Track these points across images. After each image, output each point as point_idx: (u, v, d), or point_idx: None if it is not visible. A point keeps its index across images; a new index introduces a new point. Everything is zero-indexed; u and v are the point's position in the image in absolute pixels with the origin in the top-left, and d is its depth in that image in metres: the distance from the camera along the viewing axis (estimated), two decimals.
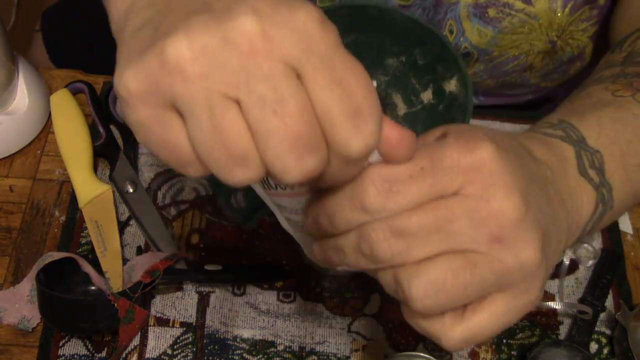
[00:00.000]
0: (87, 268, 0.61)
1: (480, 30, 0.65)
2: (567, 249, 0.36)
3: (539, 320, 0.64)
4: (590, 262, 0.68)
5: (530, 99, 0.80)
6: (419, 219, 0.28)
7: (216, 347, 0.61)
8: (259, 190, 0.37)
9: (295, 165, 0.25)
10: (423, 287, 0.28)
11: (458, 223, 0.28)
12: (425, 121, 0.46)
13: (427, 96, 0.46)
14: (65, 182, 0.69)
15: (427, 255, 0.28)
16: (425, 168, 0.28)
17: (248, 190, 0.42)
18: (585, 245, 0.69)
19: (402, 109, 0.47)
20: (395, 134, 0.27)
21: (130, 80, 0.26)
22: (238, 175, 0.26)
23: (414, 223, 0.28)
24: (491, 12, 0.63)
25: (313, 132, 0.25)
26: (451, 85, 0.52)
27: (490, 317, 0.29)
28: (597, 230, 0.41)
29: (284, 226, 0.40)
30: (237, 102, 0.25)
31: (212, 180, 0.41)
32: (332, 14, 0.56)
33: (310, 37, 0.25)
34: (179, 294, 0.63)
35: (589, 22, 0.65)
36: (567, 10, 0.63)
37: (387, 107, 0.49)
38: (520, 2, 0.62)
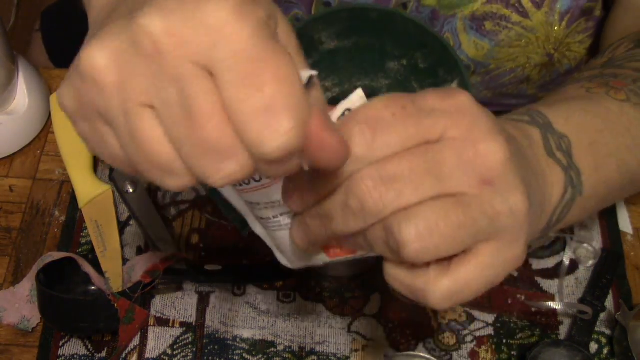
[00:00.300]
0: (87, 268, 0.61)
1: (477, 43, 0.65)
2: (534, 239, 0.35)
3: (539, 320, 0.64)
4: (590, 262, 0.68)
5: None
6: (408, 163, 0.27)
7: (216, 347, 0.61)
8: (228, 191, 0.37)
9: (215, 172, 0.23)
10: (415, 229, 0.27)
11: (448, 166, 0.27)
12: None
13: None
14: (65, 182, 0.69)
15: (419, 201, 0.27)
16: (408, 108, 0.27)
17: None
18: (585, 245, 0.69)
19: None
20: (325, 135, 0.24)
21: (65, 99, 0.26)
22: (170, 183, 0.25)
23: (404, 167, 0.27)
24: (488, 25, 0.63)
25: (226, 136, 0.23)
26: None
27: (476, 268, 0.28)
28: (566, 224, 0.39)
29: (257, 231, 0.39)
30: (153, 109, 0.24)
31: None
32: (333, 17, 0.56)
33: (220, 30, 0.22)
34: (179, 294, 0.63)
35: (586, 34, 0.65)
36: (564, 23, 0.63)
37: None
38: (517, 15, 0.62)
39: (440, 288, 0.28)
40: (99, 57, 0.24)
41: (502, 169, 0.27)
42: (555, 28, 0.63)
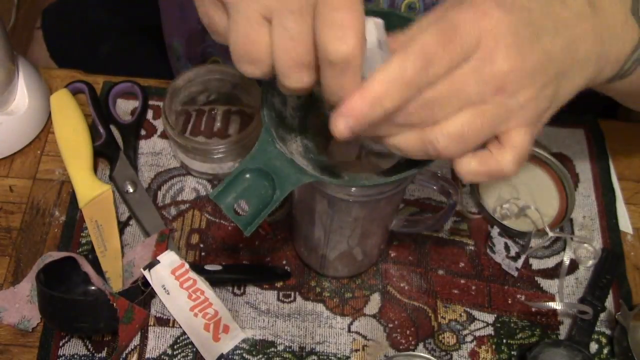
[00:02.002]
0: (87, 268, 0.61)
1: None
2: (610, 78, 0.44)
3: (539, 320, 0.64)
4: (590, 262, 0.68)
5: None
6: (440, 91, 0.34)
7: None
8: None
9: (294, 77, 0.35)
10: (448, 139, 0.35)
11: (469, 86, 0.34)
12: None
13: None
14: (65, 182, 0.69)
15: (446, 116, 0.35)
16: (452, 42, 0.33)
17: (250, 198, 0.42)
18: (585, 245, 0.69)
19: None
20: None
21: None
22: (246, 69, 0.36)
23: (438, 94, 0.34)
24: None
25: (309, 54, 0.34)
26: None
27: (518, 138, 0.37)
28: (632, 85, 0.47)
29: None
30: (269, 21, 0.34)
31: (216, 194, 0.42)
32: None
33: None
34: None
35: None
36: None
37: None
38: None
39: (505, 161, 0.37)
40: None
41: (513, 79, 0.34)
42: None
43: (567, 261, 0.66)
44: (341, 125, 0.35)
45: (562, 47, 0.37)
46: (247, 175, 0.42)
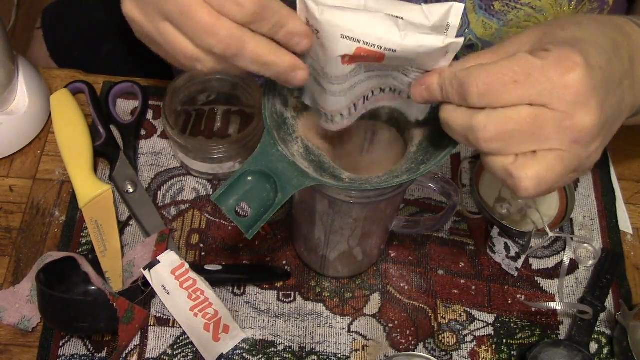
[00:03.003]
0: (87, 268, 0.61)
1: (485, 22, 0.65)
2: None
3: (539, 320, 0.64)
4: (590, 262, 0.68)
5: None
6: (518, 125, 0.36)
7: None
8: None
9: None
10: (530, 180, 0.37)
11: (547, 129, 0.36)
12: (432, 123, 0.47)
13: None
14: (65, 182, 0.69)
15: (521, 152, 0.37)
16: (531, 77, 0.36)
17: (251, 200, 0.42)
18: (585, 245, 0.69)
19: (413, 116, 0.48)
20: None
21: (130, 11, 0.41)
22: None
23: (514, 127, 0.36)
24: (497, 5, 0.63)
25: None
26: None
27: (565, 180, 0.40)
28: None
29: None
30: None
31: (219, 196, 0.42)
32: None
33: None
34: None
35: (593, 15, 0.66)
36: (573, 3, 0.63)
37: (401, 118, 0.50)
38: None
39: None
40: None
41: (589, 133, 0.37)
42: (564, 9, 0.63)
43: (567, 261, 0.66)
44: (416, 91, 0.40)
45: (618, 102, 0.40)
46: (249, 178, 0.42)
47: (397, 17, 0.38)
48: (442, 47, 0.37)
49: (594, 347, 0.63)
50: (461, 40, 0.37)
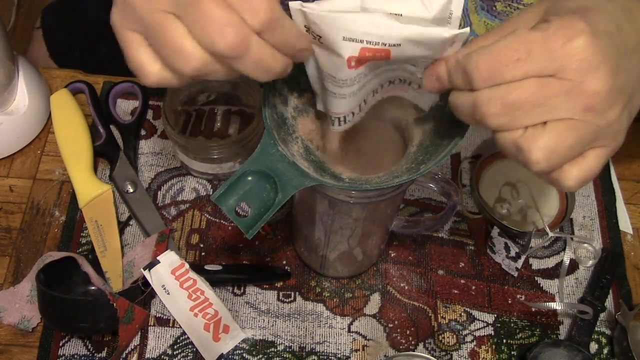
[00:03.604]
0: (87, 268, 0.61)
1: (487, 23, 0.65)
2: None
3: (539, 320, 0.64)
4: (590, 262, 0.68)
5: None
6: (523, 96, 0.35)
7: None
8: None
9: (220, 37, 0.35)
10: (540, 152, 0.36)
11: (557, 99, 0.35)
12: (432, 123, 0.47)
13: (432, 99, 0.47)
14: (65, 182, 0.69)
15: (531, 124, 0.36)
16: (533, 52, 0.35)
17: (251, 200, 0.42)
18: (585, 245, 0.69)
19: (412, 114, 0.48)
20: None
21: (114, 16, 0.40)
22: (185, 65, 0.36)
23: (520, 98, 0.35)
24: (499, 6, 0.63)
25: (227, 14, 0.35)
26: None
27: (594, 160, 0.38)
28: None
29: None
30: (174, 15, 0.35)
31: (219, 196, 0.42)
32: None
33: None
34: None
35: None
36: None
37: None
38: None
39: (570, 177, 0.38)
40: None
41: (602, 99, 0.35)
42: None
43: (567, 261, 0.66)
44: (428, 81, 0.40)
45: (634, 68, 0.39)
46: (249, 178, 0.42)
47: (396, 14, 0.38)
48: (447, 37, 0.37)
49: (594, 347, 0.63)
50: (467, 30, 0.37)
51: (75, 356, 0.60)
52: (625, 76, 0.37)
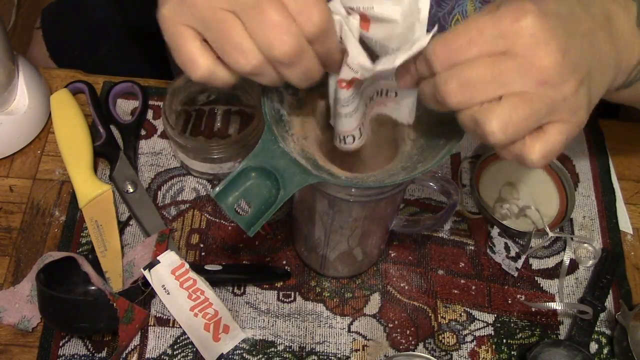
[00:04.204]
0: (87, 268, 0.61)
1: None
2: (618, 86, 0.47)
3: (539, 320, 0.64)
4: (590, 262, 0.68)
5: None
6: (477, 73, 0.37)
7: None
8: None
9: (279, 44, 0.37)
10: (495, 122, 0.37)
11: (510, 75, 0.37)
12: (427, 122, 0.47)
13: None
14: (65, 182, 0.69)
15: (487, 99, 0.37)
16: (484, 32, 0.37)
17: (252, 197, 0.42)
18: (585, 245, 0.69)
19: (404, 119, 0.48)
20: None
21: (166, 10, 0.40)
22: (242, 62, 0.38)
23: (474, 75, 0.37)
24: None
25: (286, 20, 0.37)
26: None
27: (556, 135, 0.38)
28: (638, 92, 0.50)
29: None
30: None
31: (218, 192, 0.42)
32: None
33: None
34: None
35: None
36: None
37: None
38: None
39: (534, 151, 0.39)
40: None
41: (554, 72, 0.37)
42: None
43: (567, 261, 0.66)
44: (401, 80, 0.42)
45: (589, 48, 0.40)
46: (250, 174, 0.42)
47: (367, 7, 0.39)
48: (424, 46, 0.38)
49: (594, 347, 0.63)
50: (429, 37, 0.38)
51: (75, 356, 0.60)
52: (578, 54, 0.38)
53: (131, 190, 0.68)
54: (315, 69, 0.39)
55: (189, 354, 0.60)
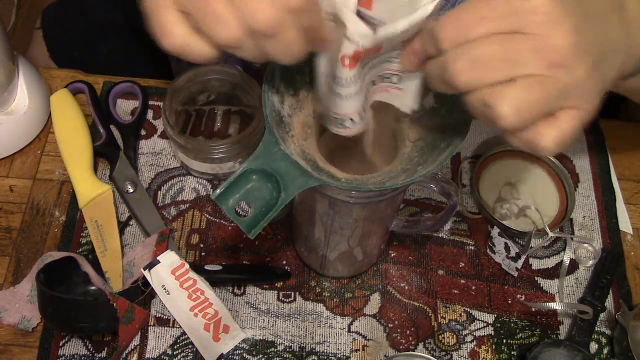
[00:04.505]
0: (87, 268, 0.61)
1: None
2: (627, 73, 0.45)
3: (539, 320, 0.64)
4: (590, 262, 0.68)
5: None
6: (489, 51, 0.35)
7: None
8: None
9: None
10: (507, 106, 0.35)
11: (522, 55, 0.35)
12: (428, 124, 0.47)
13: (427, 101, 0.47)
14: (65, 182, 0.69)
15: (498, 80, 0.36)
16: (497, 9, 0.35)
17: (252, 200, 0.42)
18: (585, 245, 0.69)
19: (408, 107, 0.48)
20: None
21: None
22: (222, 32, 0.36)
23: (486, 53, 0.35)
24: None
25: None
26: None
27: (568, 121, 0.37)
28: None
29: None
30: None
31: (219, 195, 0.42)
32: None
33: None
34: None
35: None
36: None
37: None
38: None
39: (547, 138, 0.37)
40: None
41: (568, 53, 0.35)
42: None
43: (567, 261, 0.66)
44: (405, 60, 0.41)
45: (602, 31, 0.39)
46: (250, 176, 0.42)
47: None
48: (431, 12, 0.37)
49: (594, 347, 0.63)
50: (434, 2, 0.37)
51: (75, 356, 0.60)
52: (592, 36, 0.37)
53: (131, 190, 0.68)
54: (297, 43, 0.37)
55: (189, 354, 0.60)
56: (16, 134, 0.70)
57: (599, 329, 0.64)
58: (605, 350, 0.63)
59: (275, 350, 0.61)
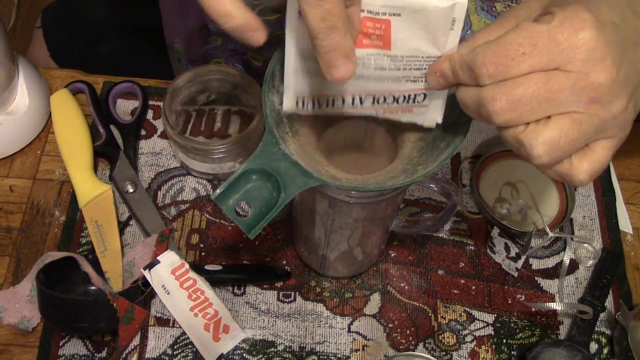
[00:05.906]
0: (87, 268, 0.61)
1: (487, 24, 0.65)
2: None
3: (539, 320, 0.64)
4: (590, 262, 0.68)
5: None
6: (530, 92, 0.35)
7: None
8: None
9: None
10: (542, 147, 0.36)
11: (563, 93, 0.35)
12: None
13: None
14: (65, 182, 0.69)
15: (535, 119, 0.36)
16: (538, 45, 0.35)
17: (252, 200, 0.42)
18: (585, 245, 0.69)
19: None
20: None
21: None
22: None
23: (526, 95, 0.35)
24: (499, 7, 0.63)
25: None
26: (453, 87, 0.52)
27: (603, 152, 0.37)
28: None
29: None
30: None
31: (219, 193, 0.42)
32: None
33: None
34: None
35: None
36: None
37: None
38: None
39: (582, 171, 0.38)
40: None
41: (607, 90, 0.35)
42: None
43: (567, 261, 0.66)
44: (431, 79, 0.40)
45: (637, 61, 0.38)
46: (250, 177, 0.42)
47: None
48: (446, 7, 0.37)
49: (594, 347, 0.63)
50: (465, 1, 0.37)
51: (75, 356, 0.60)
52: (631, 67, 0.37)
53: (131, 190, 0.68)
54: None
55: (189, 354, 0.60)
56: (16, 134, 0.70)
57: (599, 329, 0.64)
58: (605, 350, 0.63)
59: (275, 350, 0.61)
